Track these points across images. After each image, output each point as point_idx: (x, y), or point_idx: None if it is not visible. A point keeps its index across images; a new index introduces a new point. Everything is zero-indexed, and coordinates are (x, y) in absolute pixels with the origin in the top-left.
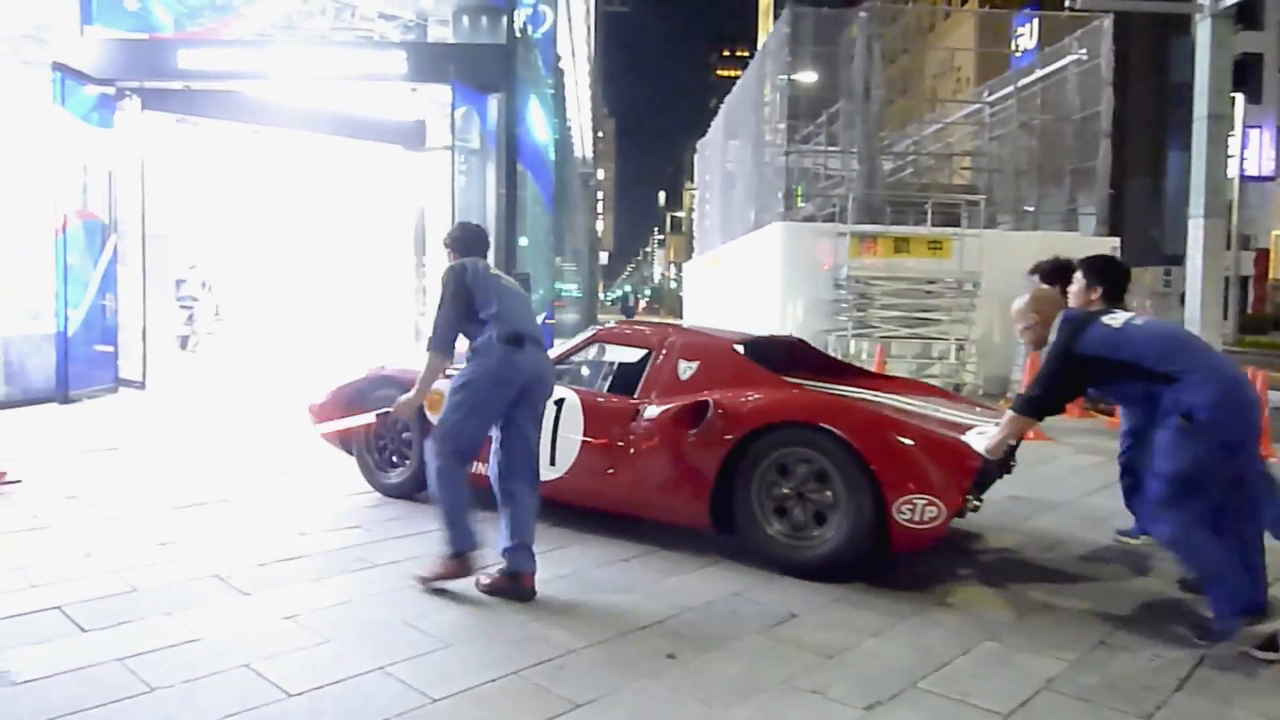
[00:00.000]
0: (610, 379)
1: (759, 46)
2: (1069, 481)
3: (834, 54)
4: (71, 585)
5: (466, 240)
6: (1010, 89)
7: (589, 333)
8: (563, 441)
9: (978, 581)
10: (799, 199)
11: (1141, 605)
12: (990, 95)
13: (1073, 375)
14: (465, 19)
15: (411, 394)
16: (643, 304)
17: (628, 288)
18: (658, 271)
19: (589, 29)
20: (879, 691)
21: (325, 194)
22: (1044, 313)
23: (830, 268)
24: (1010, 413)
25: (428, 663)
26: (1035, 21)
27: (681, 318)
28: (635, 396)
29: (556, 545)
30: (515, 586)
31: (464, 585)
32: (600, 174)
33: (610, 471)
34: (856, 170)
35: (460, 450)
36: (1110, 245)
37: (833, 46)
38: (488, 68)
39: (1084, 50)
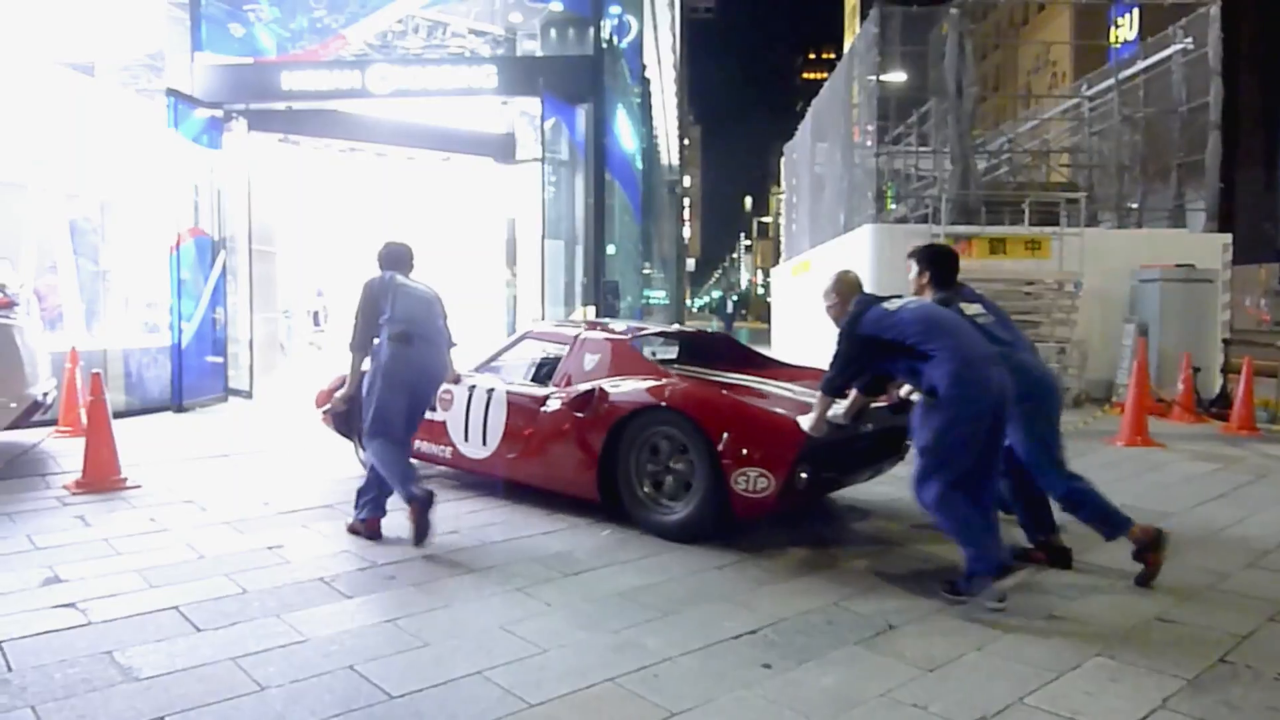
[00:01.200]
0: (536, 371)
1: (846, 48)
2: (1181, 490)
3: (923, 53)
4: (187, 586)
5: (389, 257)
6: (1110, 82)
7: (520, 333)
8: (491, 425)
9: (1086, 593)
10: (890, 201)
11: (1266, 621)
12: (1089, 89)
13: (857, 354)
14: (553, 31)
15: (345, 388)
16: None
17: (717, 293)
18: (744, 277)
19: (674, 36)
20: (984, 707)
21: (419, 207)
22: (842, 294)
23: None
24: (819, 393)
25: (525, 668)
26: (1135, 11)
27: (769, 324)
28: (549, 386)
29: (649, 553)
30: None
31: (561, 590)
32: (686, 181)
33: (525, 450)
34: (949, 170)
35: (382, 430)
36: (1221, 242)
37: (922, 45)
38: (576, 79)
39: (1190, 39)
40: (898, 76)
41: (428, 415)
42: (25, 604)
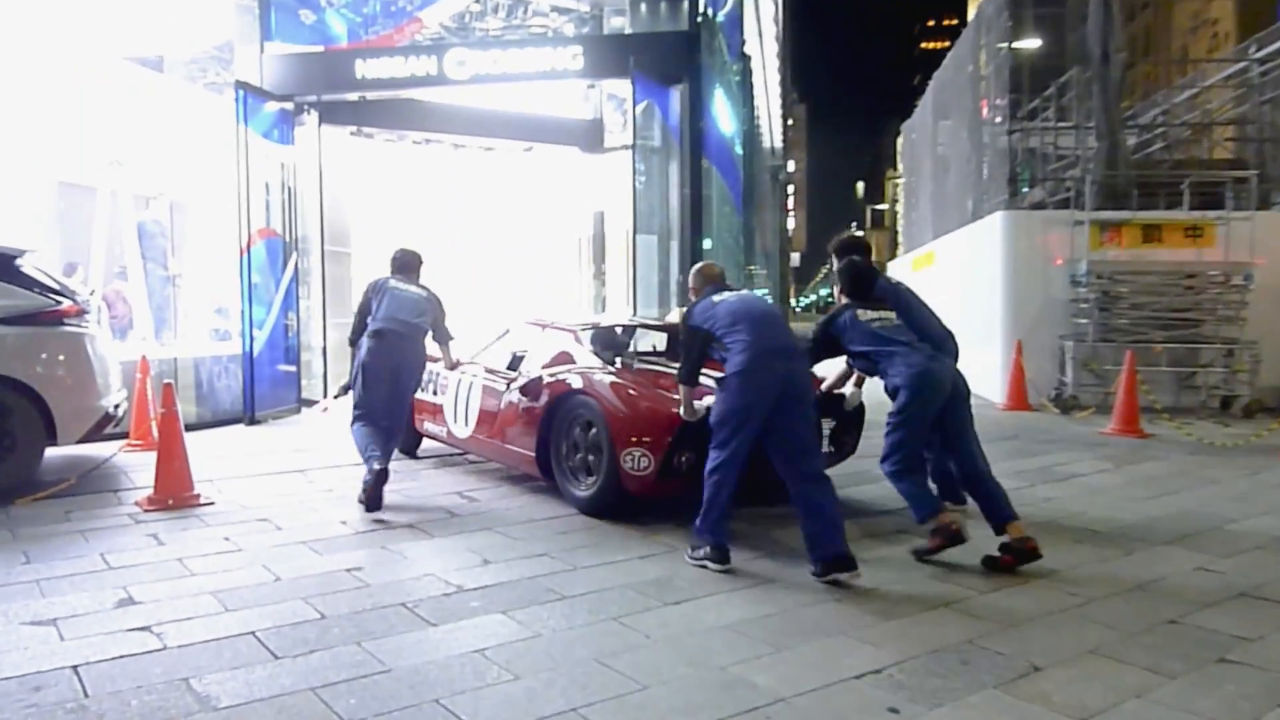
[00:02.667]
0: (512, 361)
1: (971, 13)
2: None
3: (1061, 15)
4: (263, 610)
5: (395, 262)
6: None
7: (506, 327)
8: (471, 409)
9: (1266, 632)
10: (1024, 184)
11: None
12: (1258, 50)
13: (693, 344)
14: (643, 6)
15: (347, 380)
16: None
17: (825, 290)
18: None
19: (776, 6)
20: None
21: (498, 202)
22: (696, 286)
23: (1065, 262)
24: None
25: (625, 705)
26: None
27: None
28: (516, 374)
29: (757, 581)
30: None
31: (661, 621)
32: (791, 166)
33: (490, 431)
34: (1094, 148)
35: (363, 414)
36: None
37: (1059, 7)
38: (669, 57)
39: None
40: (1032, 43)
41: (432, 399)
42: (100, 626)
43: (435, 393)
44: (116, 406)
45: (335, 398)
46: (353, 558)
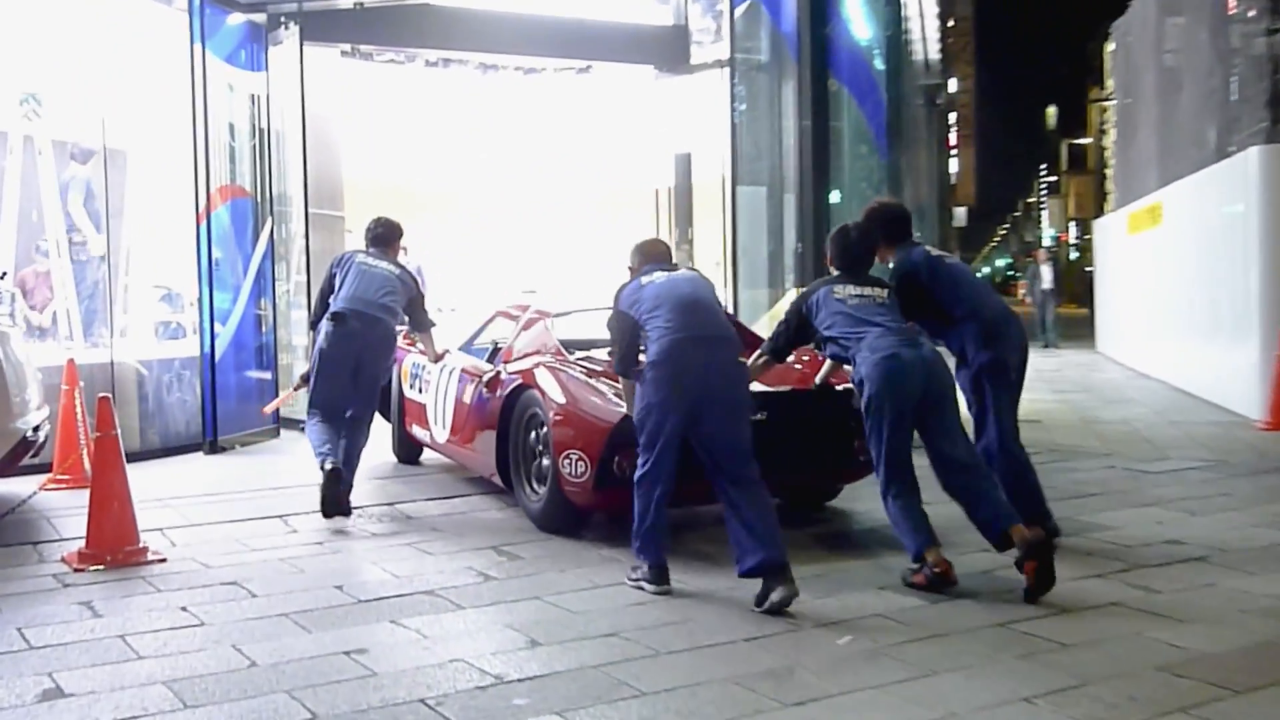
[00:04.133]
0: (491, 352)
1: None
2: None
3: None
4: (235, 707)
5: (370, 232)
6: None
7: (492, 312)
8: (448, 408)
9: None
10: None
11: None
12: None
13: (623, 331)
14: None
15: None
16: (1021, 289)
17: (1002, 260)
18: (1046, 234)
19: None
20: None
21: (544, 142)
22: (633, 267)
23: None
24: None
25: None
26: None
27: (1091, 305)
28: (493, 367)
29: (915, 673)
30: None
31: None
32: (954, 85)
33: (462, 434)
34: None
35: (318, 408)
36: None
37: None
38: None
39: None
40: None
41: (418, 398)
42: None
43: (420, 390)
44: (36, 429)
45: (295, 389)
46: (353, 636)
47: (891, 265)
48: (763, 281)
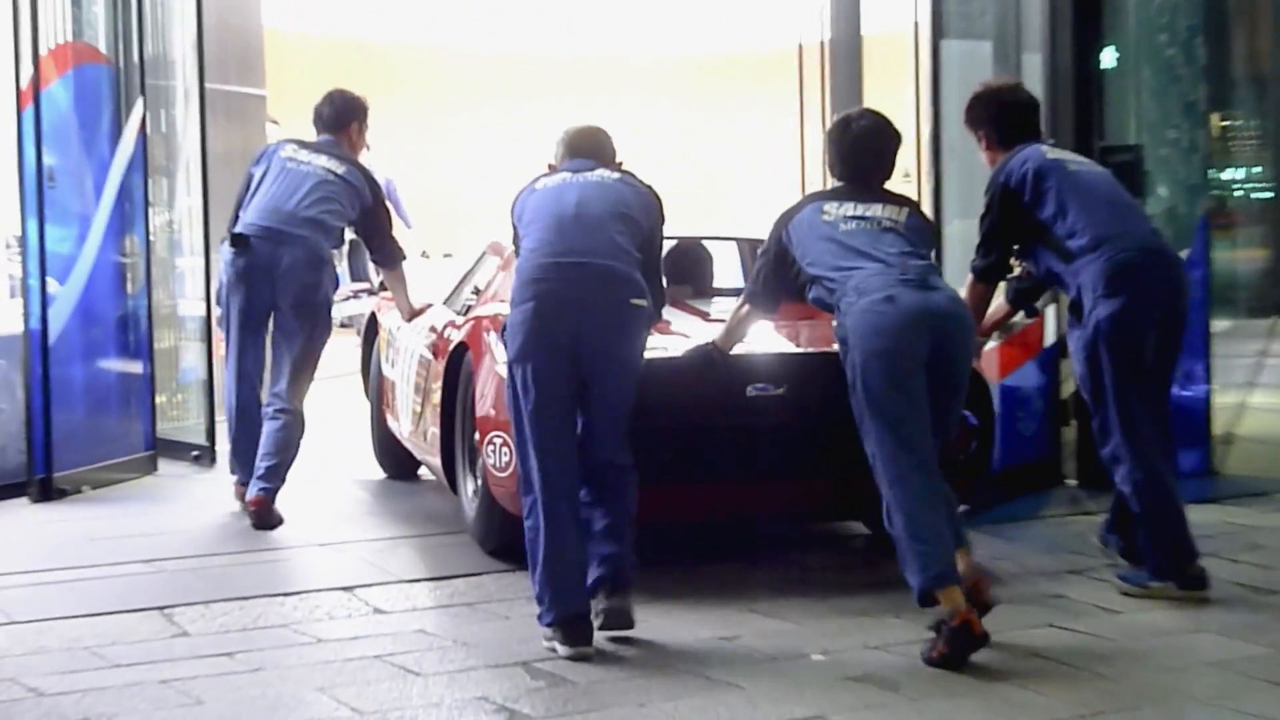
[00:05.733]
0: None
1: None
2: None
3: None
4: None
5: (318, 113)
6: None
7: (485, 247)
8: (410, 384)
9: None
10: None
11: None
12: None
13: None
14: None
15: None
16: None
17: None
18: None
19: None
20: None
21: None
22: (552, 161)
23: None
24: None
25: None
26: None
27: None
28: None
29: None
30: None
31: None
32: None
33: (418, 419)
34: None
35: (231, 368)
36: None
37: None
38: None
39: None
40: None
41: (389, 374)
42: None
43: (392, 364)
44: None
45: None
46: None
47: None
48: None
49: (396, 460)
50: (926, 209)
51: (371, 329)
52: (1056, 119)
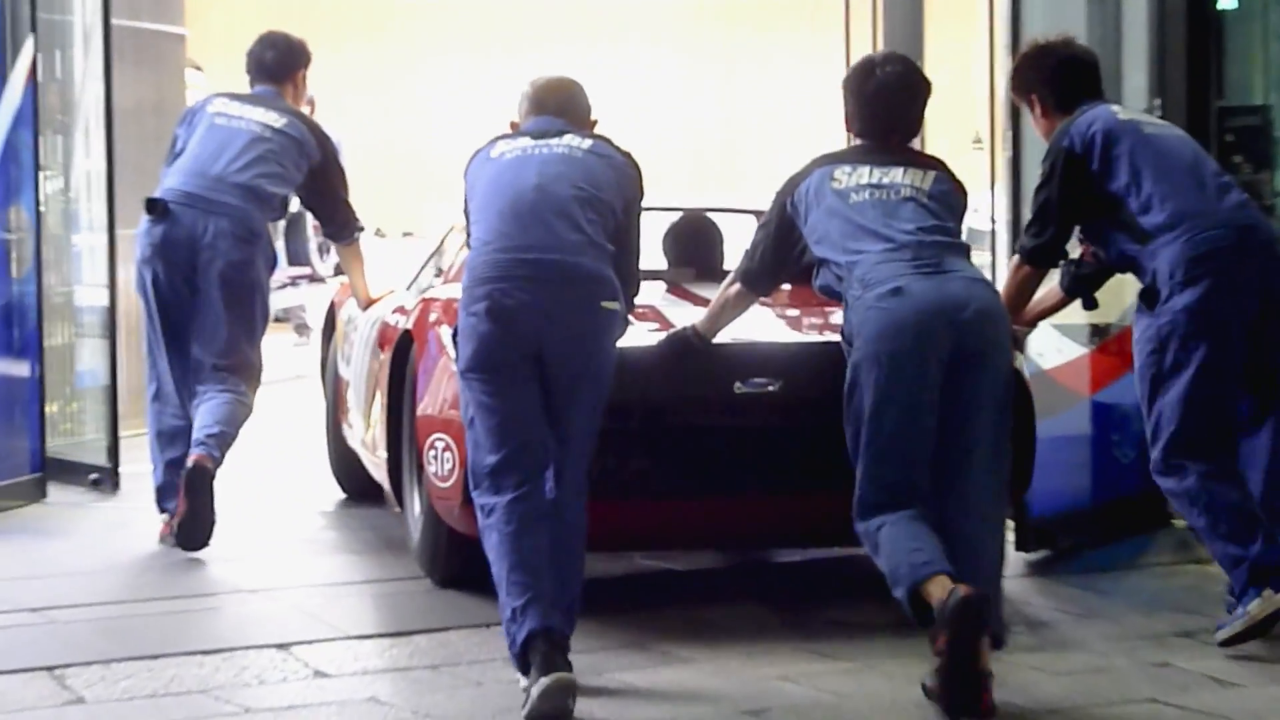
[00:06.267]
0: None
1: None
2: None
3: None
4: None
5: (252, 57)
6: None
7: (451, 224)
8: (363, 381)
9: None
10: None
11: None
12: None
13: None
14: None
15: None
16: None
17: None
18: None
19: None
20: None
21: None
22: (514, 119)
23: None
24: None
25: None
26: None
27: None
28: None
29: None
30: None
31: None
32: None
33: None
34: None
35: (153, 378)
36: None
37: None
38: None
39: None
40: None
41: (344, 373)
42: None
43: (347, 361)
44: None
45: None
46: None
47: None
48: None
49: (355, 476)
50: (1002, 183)
51: (331, 324)
52: (1165, 75)
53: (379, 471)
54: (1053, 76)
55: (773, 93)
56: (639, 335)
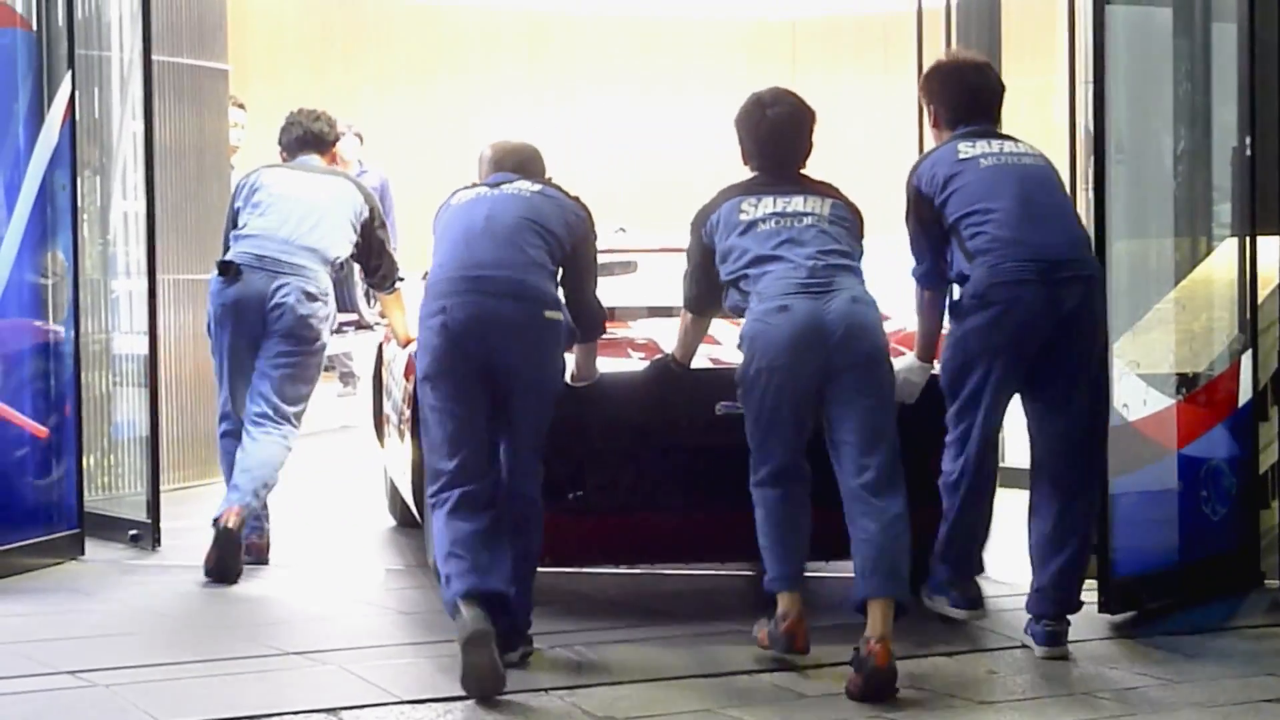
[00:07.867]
0: None
1: None
2: None
3: None
4: None
5: (287, 133)
6: None
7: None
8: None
9: None
10: None
11: None
12: None
13: None
14: None
15: None
16: None
17: None
18: None
19: None
20: None
21: None
22: (477, 176)
23: None
24: None
25: None
26: None
27: None
28: None
29: None
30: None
31: None
32: None
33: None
34: None
35: (228, 416)
36: None
37: None
38: None
39: None
40: None
41: (385, 409)
42: None
43: (388, 395)
44: None
45: None
46: None
47: None
48: (1160, 213)
49: (405, 508)
50: (1087, 222)
51: (380, 367)
52: (1255, 107)
53: (406, 495)
54: (944, 95)
55: (834, 118)
56: (626, 363)
